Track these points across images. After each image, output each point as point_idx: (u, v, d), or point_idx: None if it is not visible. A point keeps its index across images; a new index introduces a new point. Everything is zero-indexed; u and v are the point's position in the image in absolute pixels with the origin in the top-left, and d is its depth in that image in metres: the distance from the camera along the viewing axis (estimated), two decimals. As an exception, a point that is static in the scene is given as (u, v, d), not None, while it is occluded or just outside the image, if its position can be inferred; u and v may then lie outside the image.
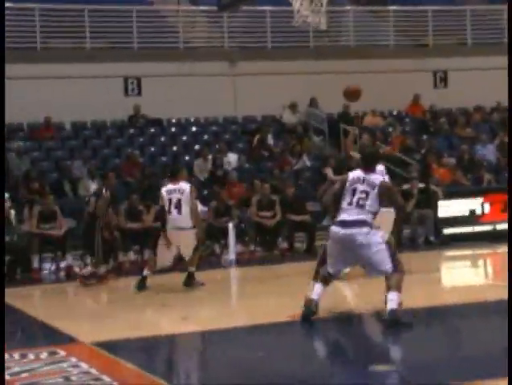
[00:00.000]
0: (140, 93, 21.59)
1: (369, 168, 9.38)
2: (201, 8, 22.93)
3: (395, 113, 23.45)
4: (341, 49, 23.35)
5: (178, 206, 12.26)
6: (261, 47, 22.69)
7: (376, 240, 9.12)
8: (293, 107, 22.10)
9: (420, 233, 17.10)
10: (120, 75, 21.35)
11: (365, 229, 9.07)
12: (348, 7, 24.29)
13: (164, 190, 12.48)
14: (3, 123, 8.52)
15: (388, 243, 9.22)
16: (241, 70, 22.20)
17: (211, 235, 15.61)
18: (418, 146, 21.01)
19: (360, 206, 9.16)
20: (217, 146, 20.25)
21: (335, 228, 9.24)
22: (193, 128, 21.63)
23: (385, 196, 9.31)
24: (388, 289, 9.11)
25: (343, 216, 9.20)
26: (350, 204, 9.20)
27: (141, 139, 20.75)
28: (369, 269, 9.40)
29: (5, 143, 17.69)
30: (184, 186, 12.45)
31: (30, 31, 20.45)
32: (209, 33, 23.53)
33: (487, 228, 17.50)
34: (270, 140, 20.94)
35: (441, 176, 18.95)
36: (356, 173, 9.38)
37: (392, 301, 8.99)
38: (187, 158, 20.15)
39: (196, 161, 19.51)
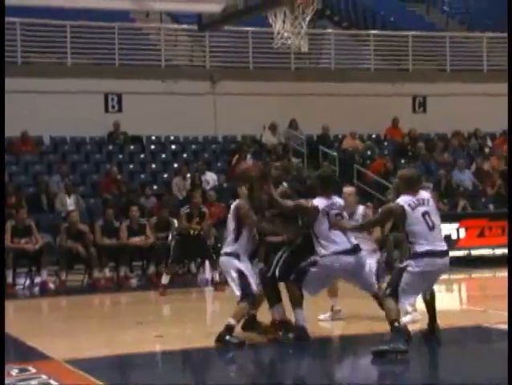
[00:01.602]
0: (120, 110, 21.58)
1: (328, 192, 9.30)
2: (183, 26, 22.99)
3: (374, 136, 23.56)
4: (322, 71, 23.45)
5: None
6: (242, 67, 22.75)
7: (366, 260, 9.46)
8: (273, 127, 22.16)
9: (395, 257, 17.13)
10: (101, 92, 21.34)
11: (363, 252, 9.32)
12: (330, 30, 24.45)
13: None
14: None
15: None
16: (222, 89, 22.24)
17: (188, 254, 15.55)
18: (396, 170, 21.09)
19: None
20: (196, 165, 20.26)
21: (343, 258, 9.08)
22: (173, 146, 21.64)
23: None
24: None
25: (337, 247, 9.08)
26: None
27: (120, 156, 20.74)
28: (360, 285, 9.57)
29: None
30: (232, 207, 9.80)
31: (11, 45, 20.41)
32: (191, 51, 23.60)
33: (462, 253, 17.58)
34: (250, 160, 20.94)
35: (418, 201, 19.02)
36: (322, 201, 9.22)
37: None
38: (166, 176, 20.16)
39: (174, 179, 19.50)
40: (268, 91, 22.05)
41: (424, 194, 8.73)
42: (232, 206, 9.54)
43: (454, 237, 17.66)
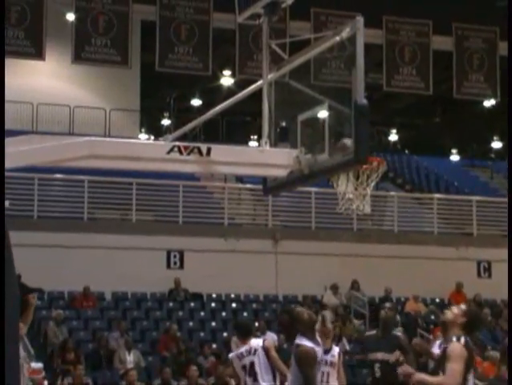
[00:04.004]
0: (182, 266, 21.62)
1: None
2: (247, 186, 23.26)
3: (437, 300, 23.13)
4: (384, 233, 23.38)
5: (252, 372, 9.26)
6: (304, 227, 22.79)
7: None
8: (334, 288, 21.95)
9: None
10: (163, 248, 21.46)
11: None
12: (392, 193, 24.51)
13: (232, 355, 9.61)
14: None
15: None
16: (284, 248, 22.22)
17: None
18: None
19: None
20: (256, 324, 20.00)
21: None
22: (233, 305, 21.49)
23: None
24: None
25: None
26: None
27: (180, 313, 20.62)
28: None
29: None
30: (256, 343, 9.33)
31: (79, 202, 20.82)
32: (253, 210, 23.78)
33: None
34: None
35: (485, 370, 18.40)
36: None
37: None
38: (225, 334, 19.91)
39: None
40: (330, 251, 21.97)
41: None
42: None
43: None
